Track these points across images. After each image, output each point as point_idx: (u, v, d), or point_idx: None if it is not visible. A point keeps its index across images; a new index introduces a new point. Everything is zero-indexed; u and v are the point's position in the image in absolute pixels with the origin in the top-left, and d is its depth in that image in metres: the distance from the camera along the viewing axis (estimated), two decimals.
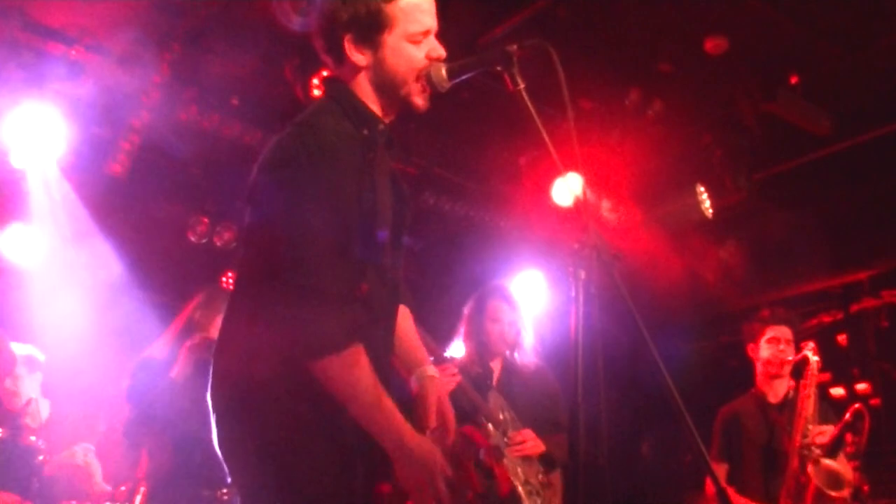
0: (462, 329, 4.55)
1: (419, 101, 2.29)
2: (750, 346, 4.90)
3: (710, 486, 4.74)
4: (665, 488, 7.39)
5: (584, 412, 2.04)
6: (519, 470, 4.23)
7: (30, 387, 5.07)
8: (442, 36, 2.34)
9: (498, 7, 5.17)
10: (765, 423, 4.79)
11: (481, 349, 4.48)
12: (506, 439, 4.25)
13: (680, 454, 7.28)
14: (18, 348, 5.19)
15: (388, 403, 2.08)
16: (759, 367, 4.85)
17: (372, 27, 2.22)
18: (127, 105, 5.61)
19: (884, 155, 5.91)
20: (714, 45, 5.32)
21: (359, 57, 2.25)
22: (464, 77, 2.28)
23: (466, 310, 4.58)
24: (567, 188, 1.98)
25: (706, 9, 5.10)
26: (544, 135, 2.06)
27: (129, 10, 5.26)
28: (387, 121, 2.33)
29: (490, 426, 4.23)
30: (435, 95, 2.32)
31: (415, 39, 2.25)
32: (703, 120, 6.17)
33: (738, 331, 5.29)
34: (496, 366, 4.51)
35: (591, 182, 6.07)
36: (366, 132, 2.23)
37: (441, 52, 2.28)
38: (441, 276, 7.19)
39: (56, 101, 5.43)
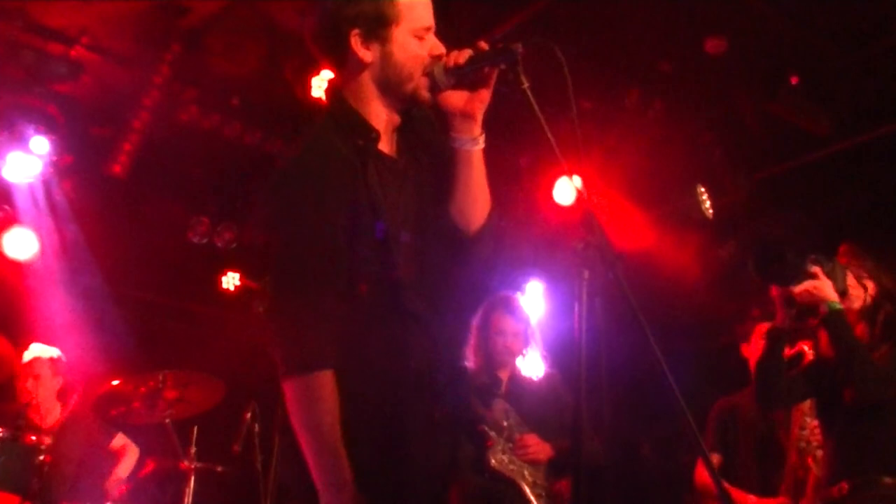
0: (471, 340, 4.59)
1: (425, 93, 2.27)
2: (744, 346, 4.92)
3: (699, 476, 4.78)
4: (665, 489, 7.39)
5: (587, 412, 2.04)
6: (526, 472, 4.28)
7: (49, 389, 5.09)
8: (442, 36, 2.33)
9: (498, 7, 5.18)
10: (762, 417, 4.80)
11: (488, 360, 4.52)
12: (510, 444, 4.30)
13: (680, 455, 7.29)
14: (46, 350, 5.21)
15: (335, 442, 2.07)
16: (753, 365, 4.85)
17: (380, 21, 2.21)
18: (127, 105, 5.61)
19: (884, 155, 5.91)
20: (714, 45, 5.33)
21: (366, 53, 2.23)
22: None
23: (474, 321, 4.62)
24: (570, 188, 1.98)
25: (706, 9, 5.10)
26: (548, 134, 2.05)
27: (129, 10, 5.26)
28: (395, 119, 2.33)
29: (493, 433, 4.29)
30: (442, 90, 2.30)
31: (419, 35, 2.24)
32: (703, 120, 6.17)
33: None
34: (504, 375, 4.55)
35: (591, 182, 6.07)
36: (361, 143, 2.24)
37: (442, 49, 2.27)
38: None
39: (56, 101, 5.43)
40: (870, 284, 3.75)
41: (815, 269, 3.60)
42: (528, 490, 4.23)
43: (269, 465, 5.02)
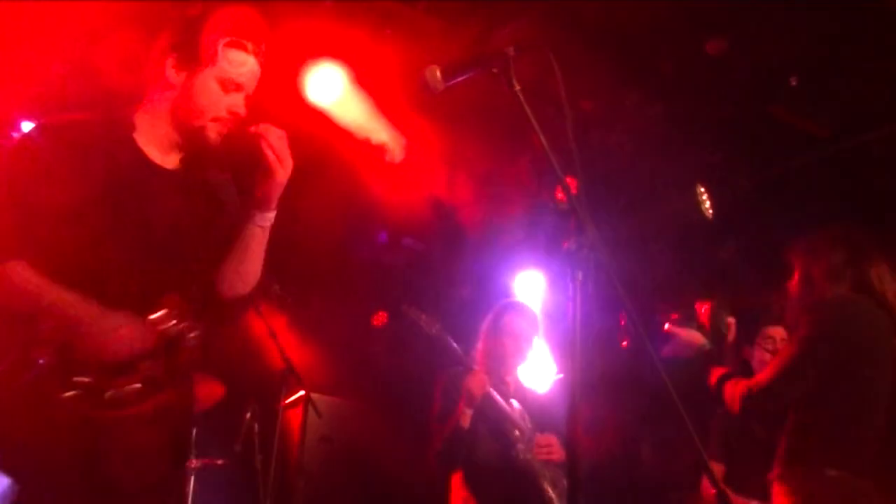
0: (479, 343, 4.56)
1: (211, 135, 2.44)
2: (745, 348, 4.90)
3: (706, 487, 4.75)
4: (665, 489, 7.39)
5: (583, 413, 2.04)
6: (547, 472, 4.28)
7: None
8: (445, 35, 2.34)
9: (499, 7, 5.17)
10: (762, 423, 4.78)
11: (496, 364, 4.49)
12: (531, 444, 4.30)
13: (680, 456, 7.29)
14: None
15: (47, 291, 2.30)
16: (755, 368, 4.85)
17: (194, 56, 2.41)
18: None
19: (884, 155, 5.90)
20: (715, 45, 5.32)
21: (174, 76, 2.42)
22: (460, 79, 2.28)
23: (484, 324, 4.59)
24: (564, 188, 1.99)
25: (706, 9, 5.10)
26: (541, 136, 2.06)
27: (130, 10, 5.25)
28: (183, 148, 2.48)
29: (517, 432, 4.30)
30: (434, 94, 2.32)
31: (225, 86, 2.42)
32: (704, 120, 6.16)
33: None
34: (510, 380, 4.55)
35: (589, 182, 6.06)
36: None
37: (241, 111, 2.44)
38: (441, 277, 7.19)
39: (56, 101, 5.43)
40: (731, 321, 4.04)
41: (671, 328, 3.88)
42: (549, 489, 4.24)
43: (269, 464, 5.03)
